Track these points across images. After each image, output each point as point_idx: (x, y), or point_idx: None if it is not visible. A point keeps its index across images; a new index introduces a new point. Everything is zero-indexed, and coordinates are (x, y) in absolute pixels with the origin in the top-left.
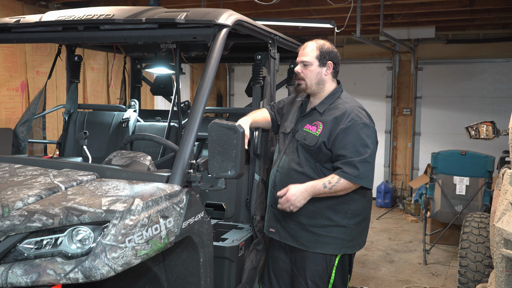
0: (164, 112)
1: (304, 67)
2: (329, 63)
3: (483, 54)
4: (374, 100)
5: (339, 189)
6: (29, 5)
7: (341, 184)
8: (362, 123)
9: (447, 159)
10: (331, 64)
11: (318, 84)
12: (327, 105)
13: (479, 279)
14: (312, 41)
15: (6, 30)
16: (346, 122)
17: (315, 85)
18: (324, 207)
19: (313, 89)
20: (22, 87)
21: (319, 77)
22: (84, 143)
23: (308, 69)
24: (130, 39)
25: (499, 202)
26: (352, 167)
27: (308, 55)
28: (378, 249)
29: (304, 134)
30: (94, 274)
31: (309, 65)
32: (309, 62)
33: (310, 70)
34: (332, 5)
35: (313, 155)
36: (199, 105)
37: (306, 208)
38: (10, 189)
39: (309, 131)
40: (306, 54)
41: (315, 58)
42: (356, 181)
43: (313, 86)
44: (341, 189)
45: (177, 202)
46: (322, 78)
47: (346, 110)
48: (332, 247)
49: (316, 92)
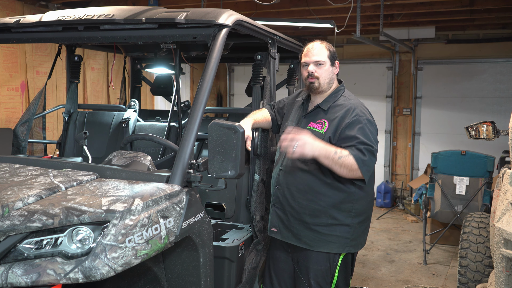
0: (164, 112)
1: (318, 67)
2: (337, 63)
3: (483, 54)
4: (374, 100)
5: (345, 164)
6: (29, 5)
7: (348, 160)
8: (367, 119)
9: (447, 159)
10: (338, 64)
11: (329, 83)
12: (330, 103)
13: (479, 279)
14: (317, 42)
15: (6, 30)
16: (352, 117)
17: (327, 84)
18: (329, 206)
19: (325, 87)
20: (22, 87)
21: (331, 76)
22: (84, 143)
23: (322, 69)
24: (130, 39)
25: (499, 202)
26: (359, 152)
27: (322, 54)
28: (378, 249)
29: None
30: (94, 274)
31: (323, 64)
32: (323, 62)
33: (324, 70)
34: (332, 5)
35: None
36: (199, 105)
37: (309, 206)
38: (10, 189)
39: (314, 129)
40: (320, 54)
41: (327, 58)
42: (361, 165)
43: (325, 85)
44: (346, 165)
45: (177, 202)
46: (333, 77)
47: (351, 106)
48: (336, 246)
49: (325, 90)
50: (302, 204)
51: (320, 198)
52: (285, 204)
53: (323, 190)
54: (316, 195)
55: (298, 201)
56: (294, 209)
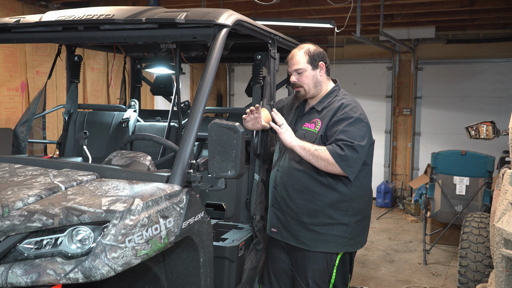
0: (164, 112)
1: (299, 75)
2: (321, 64)
3: (483, 54)
4: (374, 100)
5: (322, 156)
6: (29, 5)
7: (324, 153)
8: (357, 117)
9: (447, 159)
10: (323, 65)
11: (316, 87)
12: (325, 103)
13: (479, 279)
14: (296, 49)
15: (6, 30)
16: (339, 115)
17: (313, 89)
18: (325, 205)
19: (312, 92)
20: (22, 87)
21: (315, 80)
22: (84, 143)
23: (303, 76)
24: (130, 39)
25: (499, 202)
26: (337, 147)
27: (299, 62)
28: (378, 249)
29: (303, 133)
30: (94, 274)
31: (303, 71)
32: (302, 69)
33: (305, 76)
34: (332, 5)
35: None
36: (199, 105)
37: (306, 206)
38: (10, 189)
39: (308, 129)
40: (297, 62)
41: (307, 63)
42: (337, 159)
43: (312, 90)
44: (322, 157)
45: (177, 202)
46: (318, 80)
47: (342, 104)
48: (334, 245)
49: (315, 95)
50: (299, 204)
51: (316, 198)
52: (283, 205)
53: (319, 190)
54: (313, 194)
55: (295, 201)
56: (291, 209)
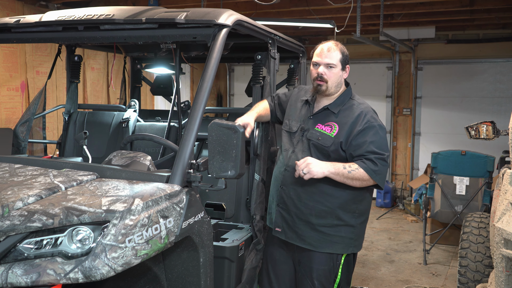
0: (164, 112)
1: (329, 69)
2: (348, 67)
3: (483, 54)
4: (374, 100)
5: (356, 177)
6: (29, 5)
7: (359, 173)
8: (378, 125)
9: (447, 159)
10: (348, 68)
11: (337, 87)
12: (340, 106)
13: (479, 279)
14: (332, 43)
15: (6, 30)
16: (363, 124)
17: (334, 88)
18: (336, 207)
19: (332, 91)
20: (22, 87)
21: (339, 80)
22: (84, 143)
23: (332, 72)
24: (130, 39)
25: (499, 202)
26: (370, 162)
27: (335, 58)
28: (378, 249)
29: (317, 134)
30: (94, 274)
31: (333, 67)
32: (334, 65)
33: (334, 73)
34: (332, 5)
35: (326, 155)
36: (199, 105)
37: (316, 207)
38: (10, 189)
39: (322, 131)
40: (332, 57)
41: (339, 61)
42: (373, 175)
43: (333, 88)
44: (358, 178)
45: (177, 202)
46: (341, 81)
47: (362, 111)
48: (341, 246)
49: (333, 94)
50: (309, 205)
51: (327, 199)
52: (290, 205)
53: (331, 191)
54: (324, 196)
55: (305, 202)
56: (300, 210)
